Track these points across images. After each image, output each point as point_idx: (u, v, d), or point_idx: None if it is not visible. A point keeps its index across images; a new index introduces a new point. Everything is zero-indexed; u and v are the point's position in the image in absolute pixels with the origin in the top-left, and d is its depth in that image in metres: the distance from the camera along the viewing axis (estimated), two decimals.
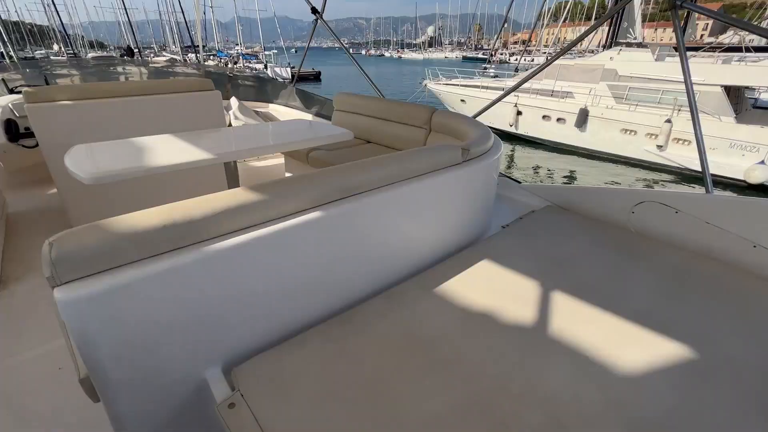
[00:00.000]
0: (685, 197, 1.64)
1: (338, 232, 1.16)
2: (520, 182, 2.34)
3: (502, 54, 54.55)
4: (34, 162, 3.19)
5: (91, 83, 2.61)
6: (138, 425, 0.94)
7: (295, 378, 0.96)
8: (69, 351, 0.92)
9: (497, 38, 30.33)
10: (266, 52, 41.44)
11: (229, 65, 33.41)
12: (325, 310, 1.23)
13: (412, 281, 1.38)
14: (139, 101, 2.54)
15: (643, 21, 14.93)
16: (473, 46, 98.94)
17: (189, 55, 32.58)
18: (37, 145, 2.34)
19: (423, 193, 1.40)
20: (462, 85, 15.68)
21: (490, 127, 2.01)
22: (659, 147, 10.24)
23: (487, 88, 14.72)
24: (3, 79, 3.46)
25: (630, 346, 1.09)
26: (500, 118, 13.34)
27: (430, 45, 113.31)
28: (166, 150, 1.63)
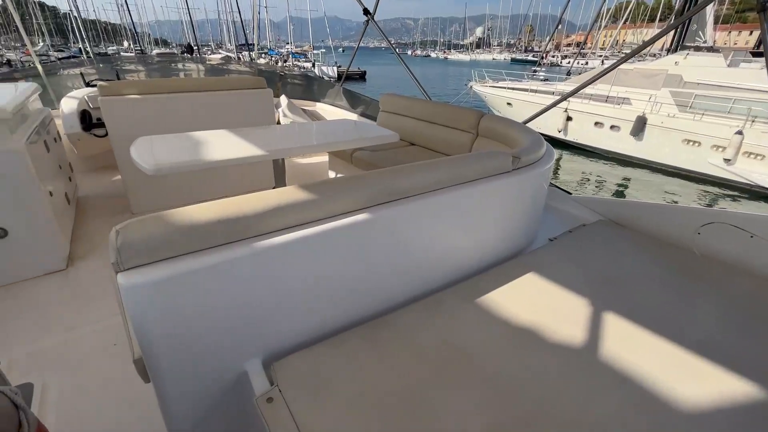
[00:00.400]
0: (763, 220, 1.48)
1: (382, 235, 1.16)
2: (570, 193, 2.22)
3: (553, 57, 52.46)
4: (103, 149, 3.46)
5: (156, 79, 2.79)
6: (183, 408, 0.99)
7: (331, 378, 0.97)
8: (125, 331, 0.99)
9: (549, 40, 29.13)
10: (315, 51, 42.56)
11: (279, 63, 34.72)
12: (364, 311, 1.23)
13: (453, 290, 1.35)
14: (198, 97, 2.69)
15: (715, 23, 13.73)
16: (523, 47, 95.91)
17: (243, 53, 34.24)
18: (106, 134, 2.53)
19: (470, 200, 1.36)
20: (509, 88, 15.24)
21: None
22: (727, 161, 9.38)
23: (535, 91, 14.20)
24: (81, 73, 3.79)
25: (689, 379, 1.00)
26: (548, 123, 12.82)
27: (478, 46, 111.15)
28: (221, 145, 1.70)
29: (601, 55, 30.91)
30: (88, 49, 35.84)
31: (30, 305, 1.81)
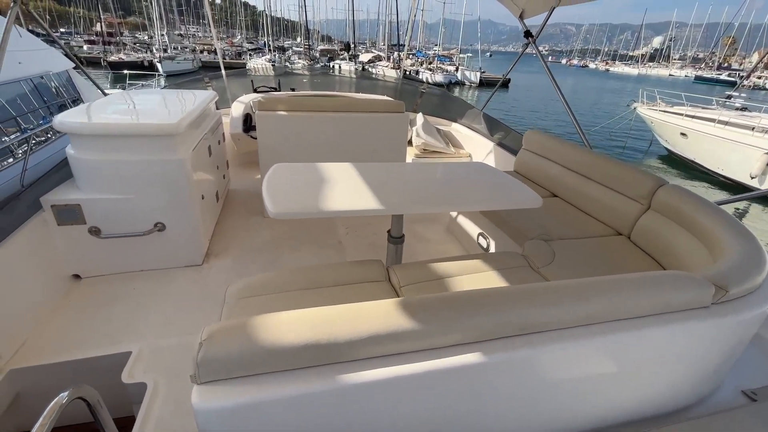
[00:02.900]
0: None
1: (504, 377, 0.89)
2: None
3: (760, 78, 41.53)
4: (255, 149, 3.90)
5: (305, 97, 2.96)
6: None
7: None
8: None
9: (764, 55, 22.73)
10: (461, 55, 42.32)
11: (424, 65, 35.62)
12: None
13: None
14: (337, 117, 2.76)
15: None
16: (715, 63, 78.34)
17: (393, 53, 36.15)
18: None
19: (633, 344, 0.98)
20: (688, 116, 12.45)
21: (704, 168, 1.33)
22: None
23: (726, 123, 11.25)
24: (252, 81, 4.35)
25: None
26: (731, 162, 10.08)
27: (652, 59, 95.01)
28: (345, 188, 1.62)
29: None
30: (270, 42, 42.50)
31: (168, 294, 2.06)
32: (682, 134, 12.39)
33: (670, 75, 67.45)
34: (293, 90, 4.41)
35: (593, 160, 2.31)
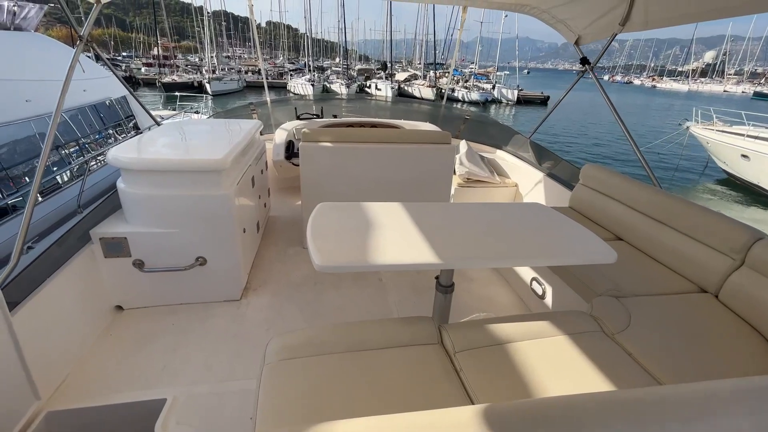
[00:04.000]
0: None
1: None
2: None
3: None
4: (296, 174, 3.90)
5: (348, 128, 2.90)
6: None
7: None
8: None
9: None
10: (498, 73, 41.95)
11: (460, 83, 35.60)
12: None
13: None
14: (382, 148, 2.67)
15: None
16: None
17: (430, 73, 36.45)
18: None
19: None
20: (749, 136, 11.50)
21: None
22: None
23: None
24: (295, 108, 4.40)
25: None
26: None
27: (704, 74, 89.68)
28: (393, 235, 1.49)
29: None
30: (310, 62, 44.17)
31: (205, 333, 2.01)
32: (744, 156, 11.45)
33: (724, 91, 63.37)
34: (335, 116, 4.41)
35: (668, 202, 2.06)
